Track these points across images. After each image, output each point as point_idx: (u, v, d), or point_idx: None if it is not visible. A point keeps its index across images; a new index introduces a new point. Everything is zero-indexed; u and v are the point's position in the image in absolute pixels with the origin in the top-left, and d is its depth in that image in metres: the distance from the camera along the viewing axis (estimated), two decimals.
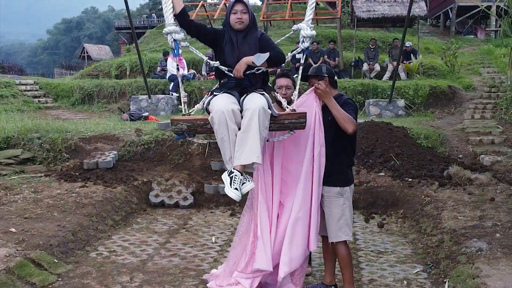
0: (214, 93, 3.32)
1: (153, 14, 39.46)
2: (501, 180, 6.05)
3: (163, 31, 3.33)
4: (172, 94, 11.13)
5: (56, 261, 4.16)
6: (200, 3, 14.95)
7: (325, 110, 3.42)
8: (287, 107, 3.36)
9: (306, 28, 3.25)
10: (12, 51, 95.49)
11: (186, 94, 3.50)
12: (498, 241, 4.21)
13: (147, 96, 10.77)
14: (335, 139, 3.44)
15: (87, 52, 34.97)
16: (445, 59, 13.93)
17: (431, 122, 9.73)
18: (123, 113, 10.47)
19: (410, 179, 6.22)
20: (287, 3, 14.64)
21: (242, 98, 3.26)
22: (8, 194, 5.62)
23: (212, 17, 14.89)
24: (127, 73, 14.92)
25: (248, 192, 3.26)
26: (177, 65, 3.63)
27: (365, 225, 5.61)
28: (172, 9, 3.28)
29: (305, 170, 3.40)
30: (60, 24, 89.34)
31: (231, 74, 3.30)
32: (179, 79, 3.61)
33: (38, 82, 13.37)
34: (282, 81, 3.62)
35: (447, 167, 6.40)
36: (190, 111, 3.42)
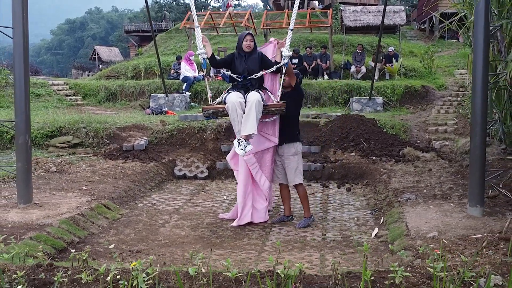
0: (229, 91, 5.26)
1: (166, 12, 41.36)
2: (442, 157, 7.94)
3: (197, 53, 5.26)
4: (185, 93, 12.95)
5: (118, 206, 6.08)
6: (208, 13, 16.81)
7: (286, 95, 5.38)
8: (273, 100, 5.28)
9: (285, 51, 5.17)
10: None
11: (211, 92, 5.43)
12: (423, 194, 6.06)
13: (164, 94, 12.59)
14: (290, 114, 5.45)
15: (97, 54, 36.98)
16: (423, 62, 15.77)
17: (403, 116, 11.51)
18: (144, 109, 12.34)
19: (374, 157, 8.11)
20: (285, 12, 16.57)
21: (246, 94, 5.17)
22: (71, 167, 7.52)
23: (218, 25, 16.74)
24: (142, 74, 16.77)
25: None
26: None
27: (337, 190, 7.50)
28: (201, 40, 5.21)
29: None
30: (64, 24, 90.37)
31: (239, 80, 5.22)
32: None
33: (68, 82, 15.24)
34: None
35: (403, 149, 8.28)
36: (213, 102, 5.37)
